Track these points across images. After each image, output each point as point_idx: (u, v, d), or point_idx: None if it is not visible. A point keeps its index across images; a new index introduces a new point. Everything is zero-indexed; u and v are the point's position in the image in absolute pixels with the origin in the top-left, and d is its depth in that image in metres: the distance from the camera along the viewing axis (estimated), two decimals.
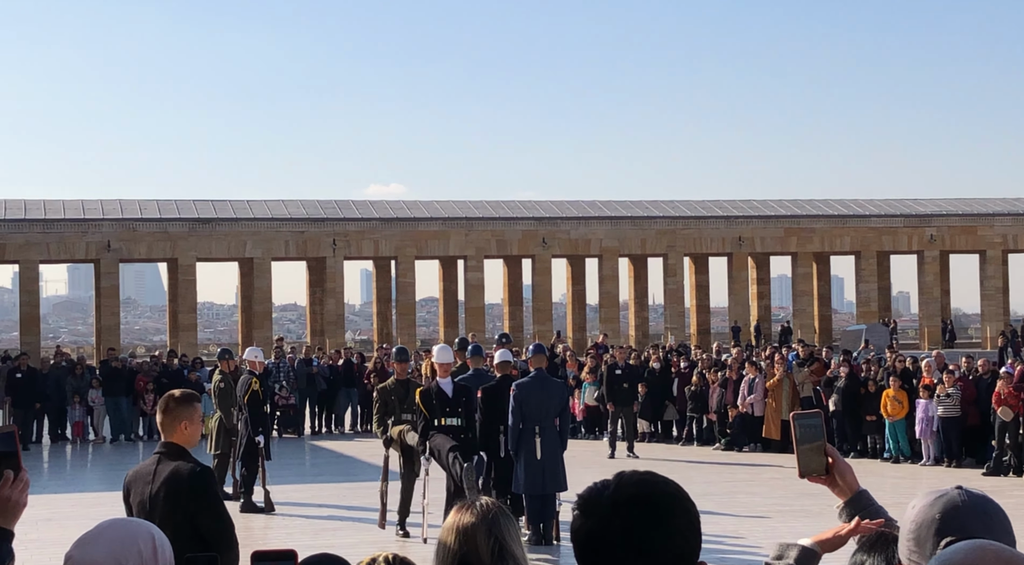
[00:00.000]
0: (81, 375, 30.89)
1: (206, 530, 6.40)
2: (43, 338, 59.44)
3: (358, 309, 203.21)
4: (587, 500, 2.49)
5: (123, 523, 3.10)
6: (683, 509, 2.45)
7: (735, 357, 28.27)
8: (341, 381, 31.80)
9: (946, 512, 2.57)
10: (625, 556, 2.39)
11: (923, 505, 2.63)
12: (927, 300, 63.87)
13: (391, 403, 15.43)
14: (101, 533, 3.03)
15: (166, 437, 6.64)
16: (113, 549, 2.95)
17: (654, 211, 62.17)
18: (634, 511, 2.41)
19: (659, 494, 2.45)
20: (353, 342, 71.89)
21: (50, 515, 16.42)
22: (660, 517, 2.41)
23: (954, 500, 2.59)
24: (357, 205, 61.04)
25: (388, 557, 3.11)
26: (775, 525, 15.72)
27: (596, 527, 2.43)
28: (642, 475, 2.50)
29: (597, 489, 2.50)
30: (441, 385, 14.79)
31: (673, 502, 2.45)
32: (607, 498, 2.45)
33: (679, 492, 2.48)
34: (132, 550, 2.95)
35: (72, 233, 54.77)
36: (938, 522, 2.56)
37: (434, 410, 14.48)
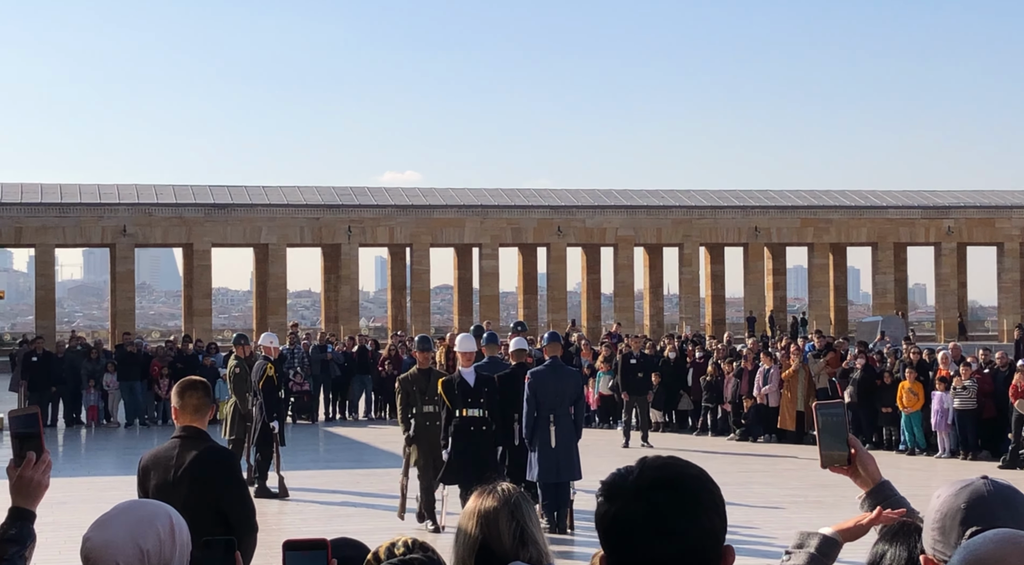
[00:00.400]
0: (96, 359, 30.99)
1: (232, 512, 6.43)
2: (58, 322, 59.65)
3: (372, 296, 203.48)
4: (611, 485, 2.47)
5: (140, 505, 3.09)
6: (708, 491, 2.44)
7: (750, 348, 28.21)
8: (355, 368, 31.84)
9: (972, 502, 2.55)
10: (652, 539, 2.37)
11: (948, 495, 2.61)
12: (944, 292, 63.67)
13: (412, 393, 15.14)
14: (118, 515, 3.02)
15: (191, 420, 6.64)
16: (131, 530, 2.94)
17: (670, 200, 62.06)
18: (659, 494, 2.40)
19: (684, 477, 2.44)
20: (367, 329, 72.00)
21: (65, 498, 16.47)
22: (686, 499, 2.40)
23: (980, 490, 2.57)
24: (372, 192, 61.07)
25: (407, 541, 3.11)
26: (790, 516, 15.70)
27: (621, 511, 2.41)
28: (666, 459, 2.49)
29: (621, 474, 2.48)
30: (464, 375, 14.59)
31: (698, 484, 2.43)
32: (631, 482, 2.44)
33: (703, 475, 2.46)
34: (150, 531, 2.95)
35: (88, 217, 54.93)
36: (963, 512, 2.54)
37: (456, 401, 14.30)
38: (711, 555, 2.41)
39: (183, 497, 6.38)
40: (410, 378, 15.39)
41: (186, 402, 6.64)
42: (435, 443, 14.76)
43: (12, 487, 3.51)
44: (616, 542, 2.42)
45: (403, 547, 3.07)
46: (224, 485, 6.50)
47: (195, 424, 6.64)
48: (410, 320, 59.38)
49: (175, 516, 3.03)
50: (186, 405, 6.65)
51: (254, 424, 18.18)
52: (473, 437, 14.26)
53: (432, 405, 14.86)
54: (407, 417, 15.05)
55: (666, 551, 2.37)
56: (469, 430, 14.27)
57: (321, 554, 2.51)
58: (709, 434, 27.01)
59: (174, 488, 6.44)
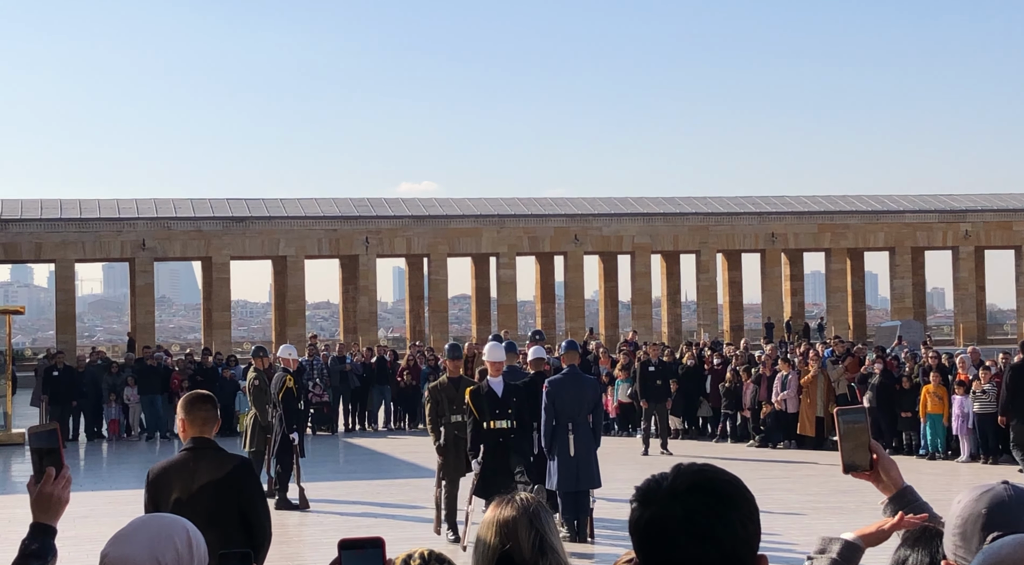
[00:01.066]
0: (117, 373, 31.10)
1: (254, 520, 6.47)
2: (79, 337, 59.90)
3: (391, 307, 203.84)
4: (647, 490, 2.46)
5: (158, 519, 3.10)
6: (743, 498, 2.43)
7: (768, 354, 28.15)
8: (374, 378, 31.87)
9: (992, 507, 2.54)
10: (687, 544, 2.36)
11: (969, 500, 2.60)
12: (962, 296, 63.43)
13: (442, 402, 14.85)
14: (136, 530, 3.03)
15: (202, 432, 6.67)
16: (150, 545, 2.95)
17: (686, 208, 62.01)
18: (695, 499, 2.39)
19: (719, 482, 2.43)
20: (386, 340, 72.09)
21: (87, 512, 16.52)
22: (721, 505, 2.39)
23: (1000, 495, 2.56)
24: (389, 203, 61.18)
25: (424, 553, 3.10)
26: (810, 522, 15.65)
27: (657, 516, 2.40)
28: (701, 466, 2.49)
29: (656, 480, 2.47)
30: (492, 385, 14.28)
31: (733, 490, 2.43)
32: (666, 487, 2.43)
33: (738, 481, 2.46)
34: (169, 545, 2.96)
35: (107, 232, 55.18)
36: (984, 517, 2.53)
37: (484, 412, 14.01)
38: (746, 561, 2.41)
39: (207, 507, 6.41)
40: (439, 387, 15.11)
41: (194, 415, 6.67)
42: (463, 453, 14.51)
43: (33, 503, 3.52)
44: (651, 547, 2.41)
45: (419, 559, 3.06)
46: (247, 492, 6.56)
47: (204, 435, 6.68)
48: (428, 330, 59.42)
49: (192, 529, 3.04)
50: (195, 419, 6.68)
51: (274, 436, 18.21)
52: (502, 449, 13.99)
53: (462, 415, 14.60)
54: (438, 427, 14.75)
55: (702, 556, 2.36)
56: (498, 441, 13.98)
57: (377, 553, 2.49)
58: (728, 441, 26.94)
59: (197, 499, 6.46)
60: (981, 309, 66.38)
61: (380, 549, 2.47)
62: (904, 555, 3.21)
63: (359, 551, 2.48)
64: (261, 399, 18.85)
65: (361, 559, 2.48)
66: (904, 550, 3.23)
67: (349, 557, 2.47)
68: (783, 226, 61.74)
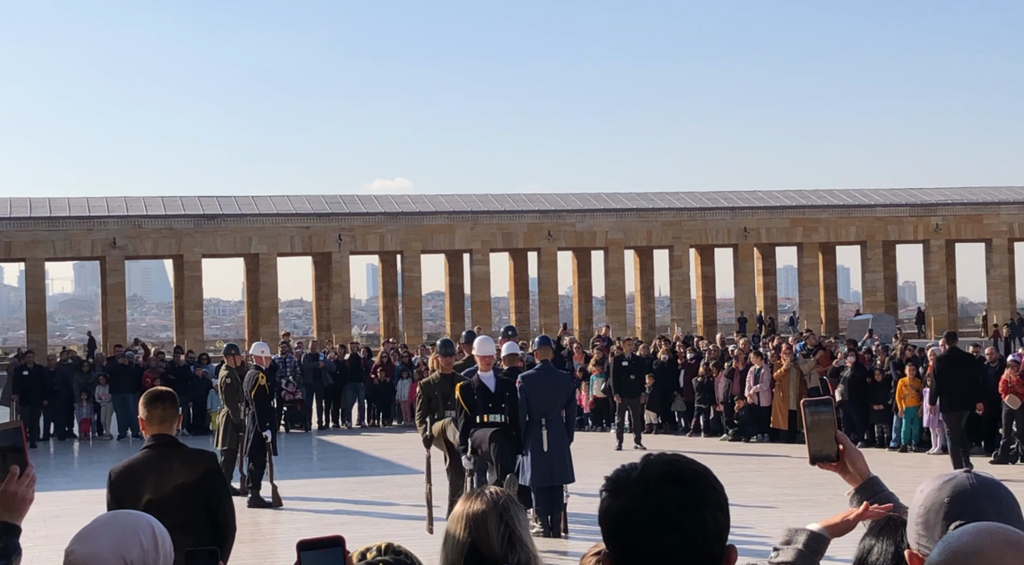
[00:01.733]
0: (88, 372, 30.94)
1: (221, 515, 6.47)
2: (50, 336, 59.54)
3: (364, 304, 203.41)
4: (616, 480, 2.46)
5: (123, 516, 3.09)
6: (712, 488, 2.44)
7: (741, 348, 28.26)
8: (348, 376, 31.82)
9: (955, 496, 2.56)
10: (657, 535, 2.36)
11: (932, 489, 2.62)
12: (933, 289, 63.80)
13: (435, 399, 14.55)
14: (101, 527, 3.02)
15: (162, 429, 6.65)
16: (115, 541, 2.94)
17: (659, 203, 62.12)
18: (665, 490, 2.39)
19: (688, 472, 2.43)
20: (359, 337, 71.95)
21: (58, 512, 16.44)
22: (690, 495, 2.39)
23: (963, 484, 2.58)
24: (362, 200, 61.06)
25: (381, 546, 3.10)
26: (783, 514, 15.73)
27: (627, 506, 2.40)
28: (670, 456, 2.49)
29: (626, 470, 2.47)
30: (483, 379, 13.99)
31: (702, 481, 2.43)
32: (637, 477, 2.43)
33: (707, 471, 2.46)
34: (134, 542, 2.95)
35: (78, 230, 54.85)
36: (947, 506, 2.55)
37: (475, 406, 13.72)
38: (716, 552, 2.40)
39: (178, 506, 6.40)
40: (432, 383, 14.83)
41: (152, 413, 6.65)
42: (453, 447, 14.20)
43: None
44: (621, 538, 2.40)
45: (376, 552, 3.06)
46: (216, 487, 6.57)
47: (165, 432, 6.66)
48: (402, 327, 59.35)
49: (157, 526, 3.03)
50: (153, 416, 6.66)
51: (247, 434, 18.16)
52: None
53: (454, 411, 14.33)
54: (425, 420, 14.50)
55: (672, 546, 2.36)
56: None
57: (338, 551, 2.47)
58: (702, 435, 27.03)
59: (168, 498, 6.44)
60: (952, 302, 66.77)
61: (340, 547, 2.45)
62: (869, 545, 3.23)
63: (319, 551, 2.45)
64: (233, 397, 18.79)
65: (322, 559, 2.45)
66: (869, 540, 3.25)
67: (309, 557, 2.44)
68: (755, 221, 61.93)
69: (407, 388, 31.28)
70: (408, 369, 31.63)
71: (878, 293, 63.39)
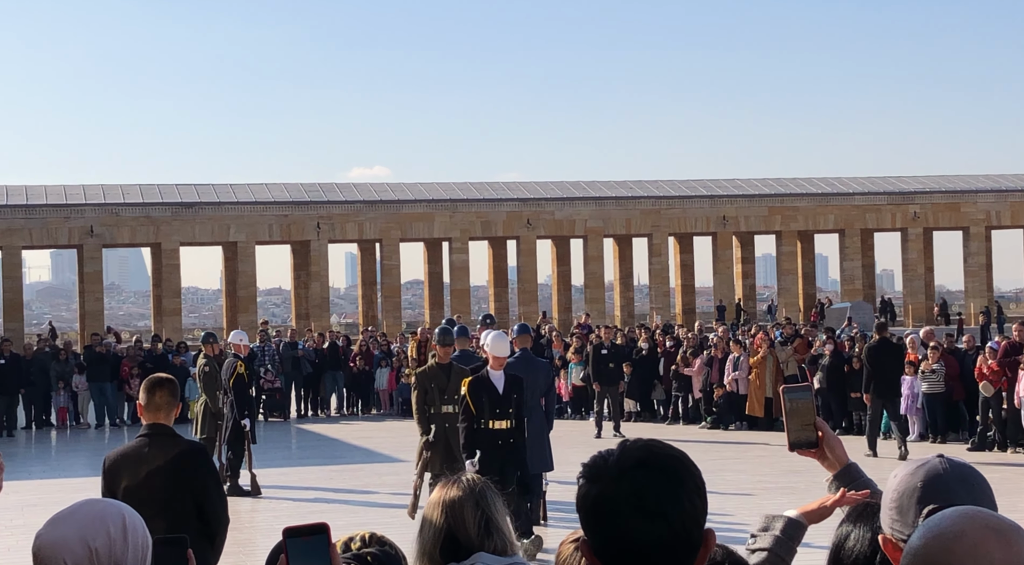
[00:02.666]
0: (65, 361, 30.81)
1: (210, 508, 6.45)
2: (27, 325, 59.25)
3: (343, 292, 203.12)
4: (593, 466, 2.44)
5: (94, 503, 3.07)
6: (689, 472, 2.43)
7: (720, 336, 28.33)
8: (327, 364, 31.78)
9: (928, 480, 2.57)
10: (636, 521, 2.35)
11: (904, 474, 2.63)
12: (911, 277, 64.08)
13: (431, 391, 13.57)
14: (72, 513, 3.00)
15: (157, 418, 6.63)
16: (81, 529, 2.93)
17: (638, 191, 62.18)
18: (643, 474, 2.38)
19: (665, 457, 2.42)
20: (338, 325, 71.86)
21: (36, 501, 16.37)
22: (668, 480, 2.38)
23: (936, 468, 2.59)
24: (341, 188, 60.91)
25: (365, 535, 3.10)
26: (761, 502, 15.79)
27: (604, 492, 2.39)
28: (647, 441, 2.47)
29: (602, 456, 2.46)
30: (492, 379, 12.78)
31: (679, 465, 2.42)
32: (613, 463, 2.41)
33: (684, 456, 2.45)
34: (101, 530, 2.93)
35: (55, 218, 54.56)
36: (920, 490, 2.56)
37: (483, 410, 12.55)
38: (694, 537, 2.40)
39: (160, 493, 6.38)
40: (429, 373, 13.82)
41: (151, 400, 6.64)
42: (457, 448, 13.15)
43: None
44: (598, 523, 2.39)
45: (360, 542, 3.06)
46: (201, 479, 6.53)
47: (161, 421, 6.64)
48: (381, 315, 59.28)
49: (130, 515, 3.01)
50: (150, 403, 6.65)
51: (225, 422, 18.12)
52: (500, 451, 12.57)
53: (452, 405, 13.40)
54: (426, 417, 13.55)
55: (650, 532, 2.35)
56: (496, 444, 12.57)
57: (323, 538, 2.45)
58: (680, 423, 27.10)
59: (148, 485, 6.43)
60: (930, 290, 67.07)
61: (326, 534, 2.44)
62: (846, 531, 3.24)
63: (305, 538, 2.45)
64: (211, 386, 18.74)
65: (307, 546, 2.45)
66: (846, 526, 3.26)
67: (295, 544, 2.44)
68: (734, 209, 62.06)
69: (386, 376, 31.27)
70: (387, 357, 31.61)
71: (856, 281, 63.62)
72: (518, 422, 12.81)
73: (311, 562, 2.42)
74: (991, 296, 64.61)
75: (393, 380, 31.05)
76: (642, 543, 2.36)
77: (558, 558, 3.60)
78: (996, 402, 21.00)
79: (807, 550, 3.61)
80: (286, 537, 2.42)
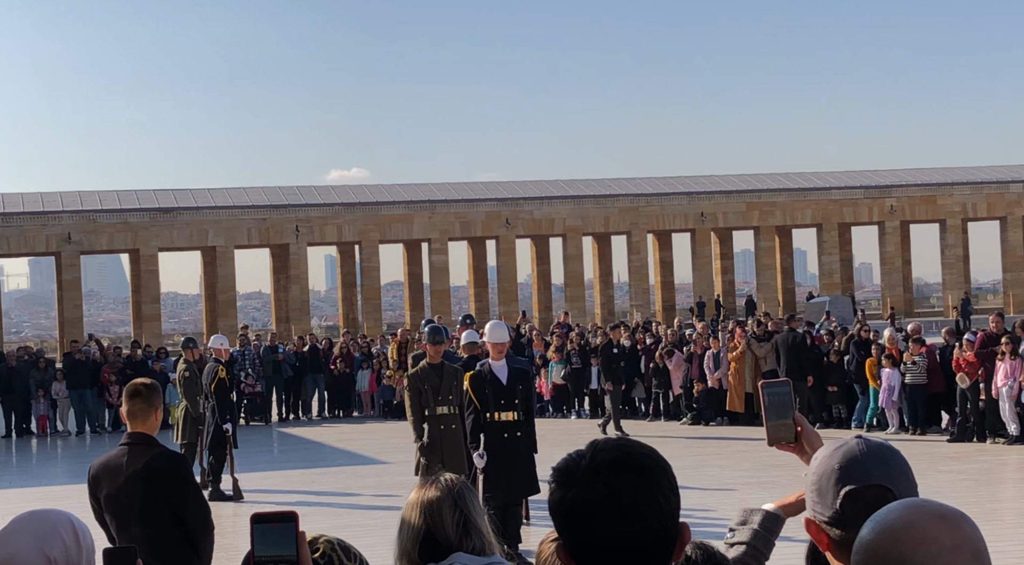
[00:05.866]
0: (45, 368, 30.68)
1: (186, 513, 6.42)
2: (6, 333, 58.97)
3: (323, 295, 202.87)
4: (565, 470, 2.43)
5: (41, 514, 3.06)
6: (662, 470, 2.43)
7: (700, 332, 28.35)
8: (307, 367, 31.72)
9: (845, 462, 2.61)
10: (613, 521, 2.35)
11: (823, 456, 2.68)
12: (889, 270, 64.36)
13: (425, 392, 13.16)
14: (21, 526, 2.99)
15: (135, 426, 6.61)
16: (36, 540, 2.92)
17: (616, 189, 62.28)
18: (616, 476, 2.37)
19: (638, 456, 2.42)
20: (319, 328, 71.72)
21: (17, 509, 16.28)
22: (643, 480, 2.38)
23: (853, 450, 2.64)
24: (319, 191, 60.84)
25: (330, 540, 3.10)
26: (743, 497, 15.82)
27: (579, 496, 2.38)
28: (617, 441, 2.47)
29: (574, 458, 2.44)
30: (495, 370, 12.48)
31: (652, 464, 2.42)
32: (586, 466, 2.40)
33: (655, 453, 2.46)
34: (55, 539, 2.92)
35: (32, 226, 54.35)
36: (838, 472, 2.60)
37: (487, 402, 12.28)
38: (670, 533, 2.40)
39: (136, 502, 6.37)
40: (421, 374, 13.28)
41: (127, 408, 6.63)
42: (454, 451, 12.91)
43: None
44: (575, 528, 2.38)
45: (324, 544, 3.06)
46: (176, 486, 6.49)
47: (141, 429, 6.61)
48: (362, 318, 59.23)
49: (77, 521, 3.01)
50: (128, 411, 6.64)
51: (206, 427, 18.08)
52: (507, 444, 12.35)
53: (447, 406, 13.03)
54: (421, 421, 13.06)
55: (628, 532, 2.35)
56: (503, 437, 12.31)
57: (291, 526, 2.47)
58: (661, 419, 27.14)
59: (126, 494, 6.41)
60: (908, 283, 67.39)
61: (294, 522, 2.47)
62: None
63: (272, 525, 2.47)
64: (192, 391, 18.70)
65: (275, 532, 2.47)
66: None
67: (261, 530, 2.46)
68: (712, 205, 62.22)
69: (367, 378, 31.22)
70: (368, 360, 31.57)
71: (834, 275, 63.86)
72: (526, 414, 12.58)
73: (277, 548, 2.43)
74: (969, 287, 64.93)
75: (374, 382, 31.01)
76: (620, 544, 2.37)
77: (538, 557, 3.61)
78: (974, 394, 21.10)
79: (786, 543, 3.63)
80: (253, 523, 2.44)
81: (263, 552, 2.42)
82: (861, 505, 2.50)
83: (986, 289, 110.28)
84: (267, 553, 2.43)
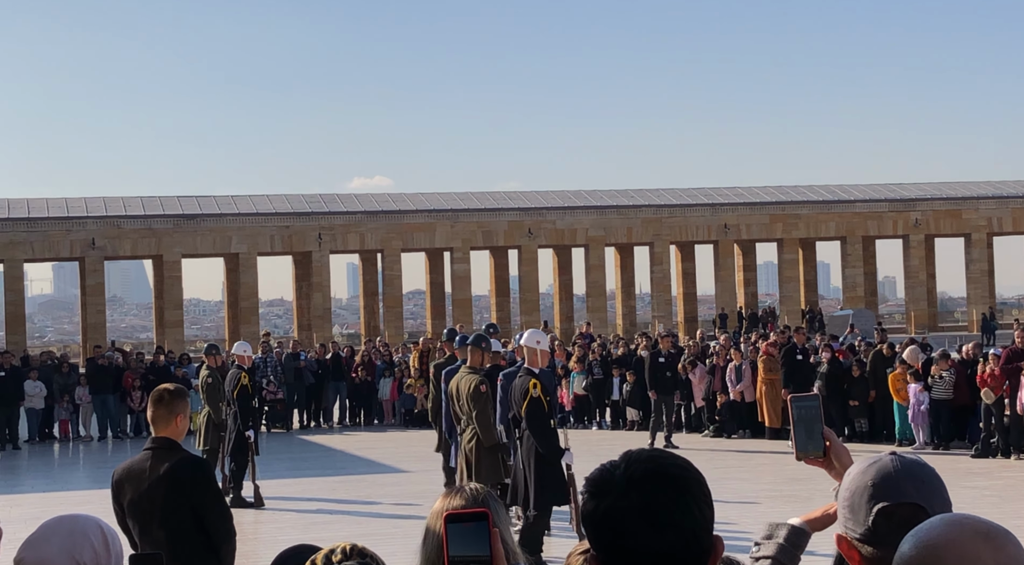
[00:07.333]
0: (68, 373, 30.79)
1: (211, 521, 6.43)
2: (29, 337, 59.28)
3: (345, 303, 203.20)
4: (598, 481, 2.42)
5: (71, 519, 3.06)
6: (696, 481, 2.42)
7: (723, 344, 28.25)
8: (329, 375, 31.76)
9: (879, 479, 2.59)
10: (647, 534, 2.34)
11: (856, 472, 2.65)
12: (913, 284, 64.08)
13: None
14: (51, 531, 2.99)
15: (158, 431, 6.63)
16: (66, 546, 2.92)
17: (639, 200, 62.23)
18: (650, 487, 2.36)
19: (672, 467, 2.41)
20: (340, 336, 71.86)
21: (40, 513, 16.35)
22: (677, 491, 2.37)
23: (886, 467, 2.61)
24: (342, 198, 60.99)
25: (346, 548, 3.08)
26: (765, 510, 15.76)
27: (613, 506, 2.37)
28: (651, 452, 2.46)
29: (608, 469, 2.43)
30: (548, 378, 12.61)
31: (687, 474, 2.41)
32: (620, 476, 2.39)
33: (689, 465, 2.45)
34: (85, 544, 2.92)
35: (56, 231, 54.64)
36: (871, 489, 2.58)
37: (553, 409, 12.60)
38: (705, 545, 2.39)
39: (159, 507, 6.37)
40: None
41: (151, 414, 6.65)
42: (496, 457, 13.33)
43: None
44: (609, 539, 2.37)
45: (341, 554, 3.03)
46: (199, 492, 6.50)
47: (165, 434, 6.63)
48: (383, 326, 59.31)
49: (106, 526, 3.01)
50: (151, 417, 6.67)
51: (228, 434, 18.11)
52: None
53: None
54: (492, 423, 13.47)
55: (662, 544, 2.34)
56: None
57: (483, 525, 2.46)
58: (684, 431, 27.05)
59: (148, 499, 6.42)
60: (932, 297, 67.08)
61: (487, 521, 2.46)
62: None
63: (467, 524, 2.46)
64: (215, 397, 18.74)
65: (468, 532, 2.46)
66: None
67: (455, 530, 2.45)
68: (735, 217, 62.09)
69: (389, 387, 31.24)
70: (389, 368, 31.59)
71: (858, 288, 63.63)
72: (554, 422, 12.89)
73: (472, 548, 2.42)
74: (994, 302, 64.59)
75: (395, 390, 31.03)
76: (654, 555, 2.35)
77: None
78: (998, 409, 20.98)
79: (811, 558, 3.60)
80: (447, 522, 2.43)
81: (457, 552, 2.40)
82: (894, 523, 2.48)
83: (1011, 304, 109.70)
84: (461, 553, 2.40)
